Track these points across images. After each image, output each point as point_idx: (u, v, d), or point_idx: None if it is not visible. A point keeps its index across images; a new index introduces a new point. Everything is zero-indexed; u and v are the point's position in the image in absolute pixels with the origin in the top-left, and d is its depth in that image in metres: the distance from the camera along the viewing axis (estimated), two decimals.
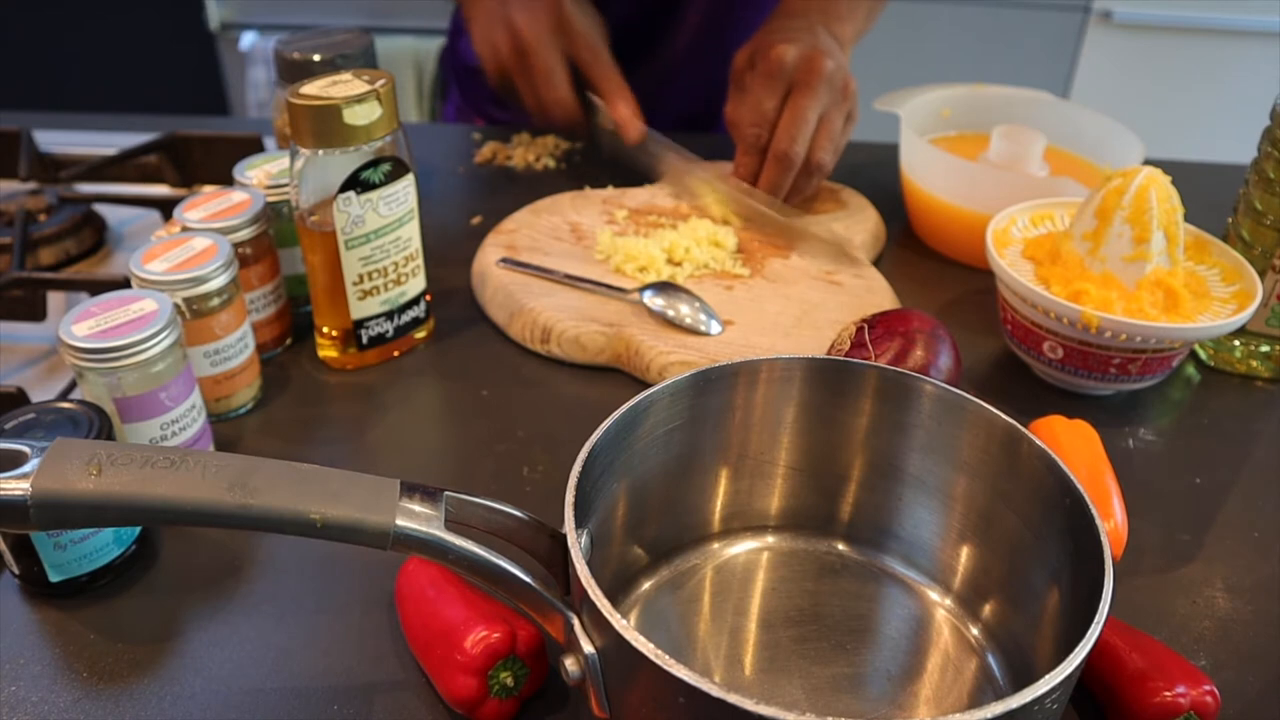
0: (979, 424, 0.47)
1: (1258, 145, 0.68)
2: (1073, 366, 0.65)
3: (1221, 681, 0.47)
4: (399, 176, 0.63)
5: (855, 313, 0.70)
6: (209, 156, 0.89)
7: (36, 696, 0.46)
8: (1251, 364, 0.71)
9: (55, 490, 0.38)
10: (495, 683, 0.44)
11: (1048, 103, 0.90)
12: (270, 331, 0.69)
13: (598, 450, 0.43)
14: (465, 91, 1.16)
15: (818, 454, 0.52)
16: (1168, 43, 2.03)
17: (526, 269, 0.74)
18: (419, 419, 0.65)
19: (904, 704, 0.46)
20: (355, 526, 0.39)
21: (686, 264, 0.75)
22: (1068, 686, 0.36)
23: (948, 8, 2.00)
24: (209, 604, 0.51)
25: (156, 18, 2.07)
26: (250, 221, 0.64)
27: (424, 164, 0.96)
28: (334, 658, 0.48)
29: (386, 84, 0.61)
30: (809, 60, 0.79)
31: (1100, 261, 0.65)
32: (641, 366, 0.67)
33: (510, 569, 0.40)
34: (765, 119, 0.80)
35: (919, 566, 0.51)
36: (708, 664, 0.47)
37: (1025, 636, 0.46)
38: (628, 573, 0.50)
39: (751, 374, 0.49)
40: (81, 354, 0.52)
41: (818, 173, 0.81)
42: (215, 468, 0.39)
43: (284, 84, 0.75)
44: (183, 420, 0.56)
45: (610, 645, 0.38)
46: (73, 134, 0.98)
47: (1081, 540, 0.41)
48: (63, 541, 0.49)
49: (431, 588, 0.47)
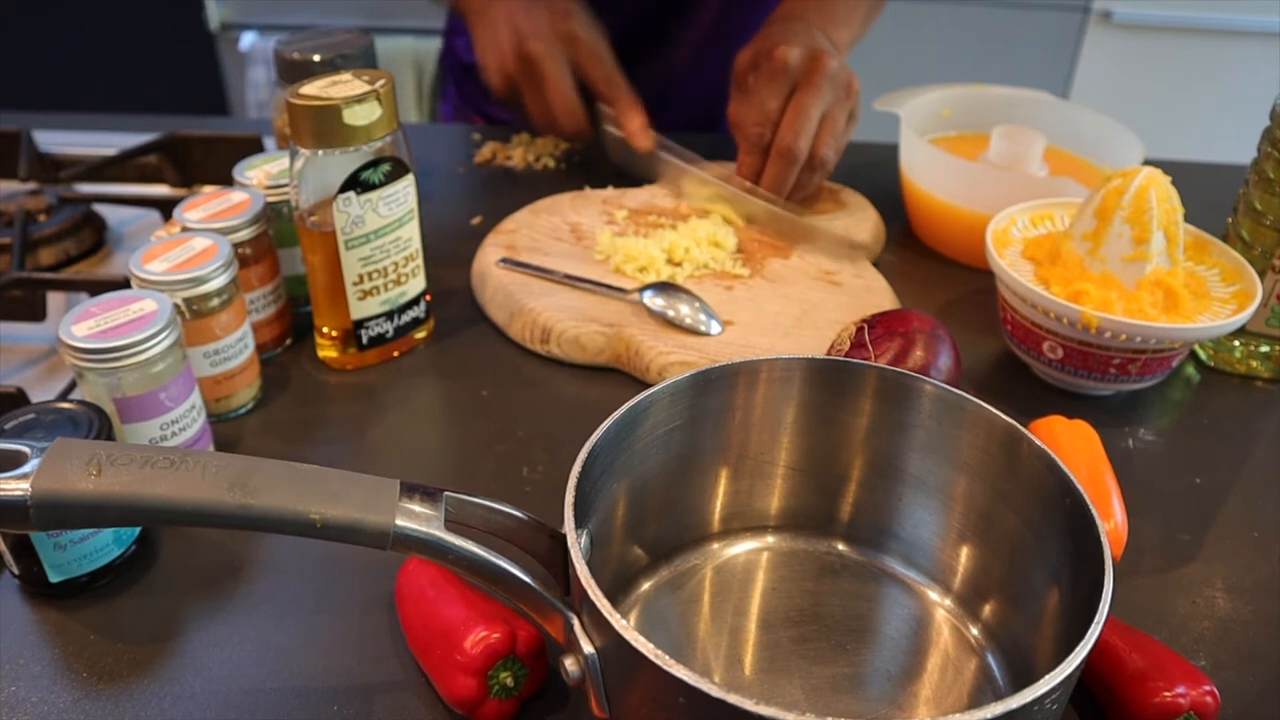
0: (979, 424, 0.47)
1: (1258, 145, 0.68)
2: (1073, 367, 0.65)
3: (1221, 681, 0.46)
4: (399, 177, 0.63)
5: (855, 313, 0.70)
6: (209, 157, 0.89)
7: (36, 696, 0.46)
8: (1251, 364, 0.71)
9: (55, 490, 0.38)
10: (495, 683, 0.44)
11: (1048, 103, 0.90)
12: (270, 332, 0.69)
13: (598, 450, 0.43)
14: (463, 90, 1.16)
15: (818, 454, 0.52)
16: (1168, 43, 2.03)
17: (526, 269, 0.74)
18: (419, 419, 0.65)
19: (904, 704, 0.46)
20: (355, 527, 0.39)
21: (686, 264, 0.75)
22: (1068, 686, 0.36)
23: (948, 8, 2.00)
24: (209, 604, 0.51)
25: (156, 18, 2.07)
26: (250, 222, 0.64)
27: (424, 164, 0.96)
28: (334, 658, 0.48)
29: (386, 84, 0.61)
30: (813, 59, 0.79)
31: (1100, 262, 0.65)
32: (641, 366, 0.67)
33: (510, 569, 0.40)
34: (769, 118, 0.80)
35: (919, 566, 0.51)
36: (708, 664, 0.47)
37: (1025, 636, 0.46)
38: (628, 573, 0.50)
39: (751, 374, 0.49)
40: (81, 354, 0.52)
41: (820, 169, 0.81)
42: (215, 468, 0.39)
43: (284, 84, 0.75)
44: (183, 420, 0.56)
45: (610, 645, 0.38)
46: (73, 134, 0.98)
47: (1081, 540, 0.41)
48: (63, 542, 0.49)
49: (431, 588, 0.47)
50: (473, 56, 1.11)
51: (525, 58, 0.83)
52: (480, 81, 1.12)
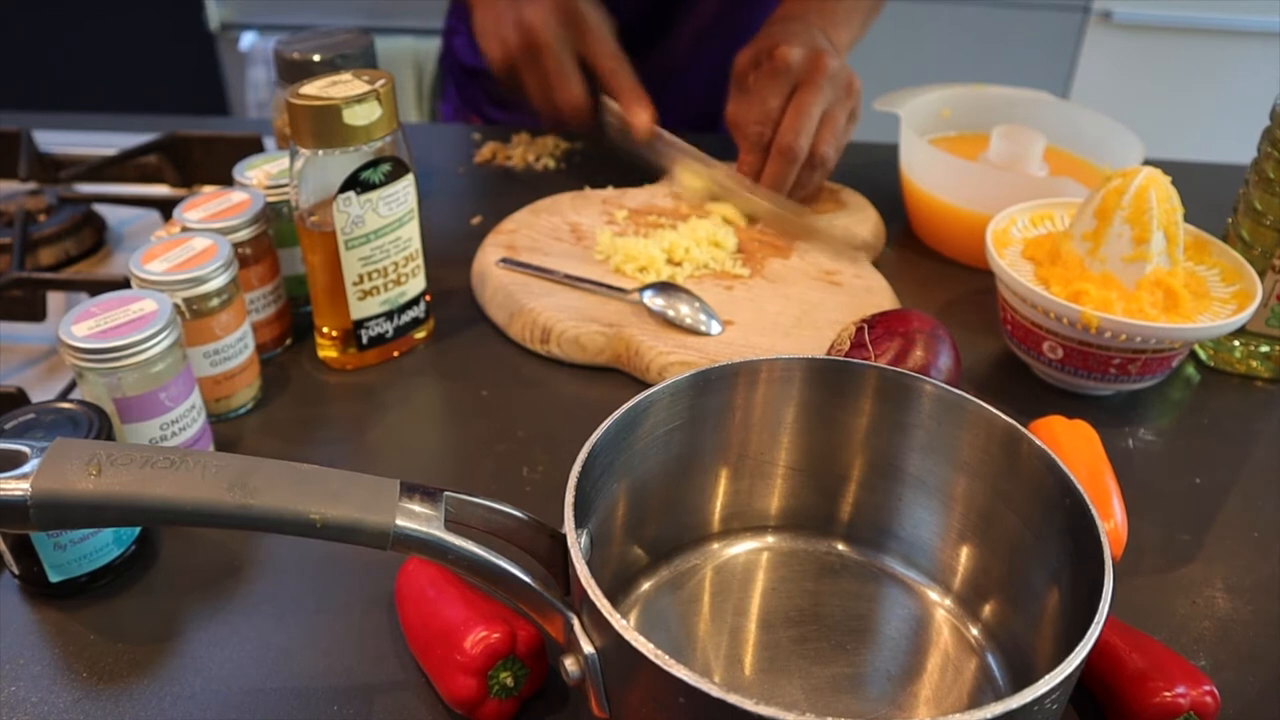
0: (979, 424, 0.47)
1: (1257, 145, 0.68)
2: (1073, 367, 0.65)
3: (1221, 681, 0.47)
4: (399, 177, 0.63)
5: (855, 313, 0.70)
6: (209, 157, 0.89)
7: (36, 697, 0.46)
8: (1251, 364, 0.71)
9: (55, 490, 0.38)
10: (495, 683, 0.44)
11: (1048, 103, 0.90)
12: (270, 332, 0.69)
13: (598, 450, 0.43)
14: (463, 93, 1.16)
15: (818, 454, 0.52)
16: (1168, 43, 2.03)
17: (526, 269, 0.74)
18: (419, 419, 0.65)
19: (904, 704, 0.46)
20: (355, 527, 0.39)
21: (686, 264, 0.75)
22: (1068, 686, 0.36)
23: (948, 8, 1.99)
24: (209, 604, 0.51)
25: (156, 18, 2.07)
26: (250, 222, 0.64)
27: (424, 164, 0.96)
28: (334, 658, 0.48)
29: (386, 84, 0.61)
30: (814, 59, 0.79)
31: (1100, 262, 0.65)
32: (641, 367, 0.67)
33: (510, 569, 0.40)
34: (770, 117, 0.80)
35: (919, 566, 0.51)
36: (708, 664, 0.47)
37: (1025, 636, 0.46)
38: (628, 573, 0.50)
39: (751, 374, 0.49)
40: (81, 354, 0.52)
41: (821, 167, 0.81)
42: (215, 468, 0.39)
43: (284, 84, 0.75)
44: (182, 420, 0.56)
45: (610, 645, 0.38)
46: (73, 134, 0.98)
47: (1081, 540, 0.41)
48: (62, 542, 0.49)
49: (431, 588, 0.47)
50: (473, 58, 1.11)
51: (526, 39, 0.81)
52: (481, 84, 1.12)
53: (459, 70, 1.15)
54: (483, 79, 1.12)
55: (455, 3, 1.15)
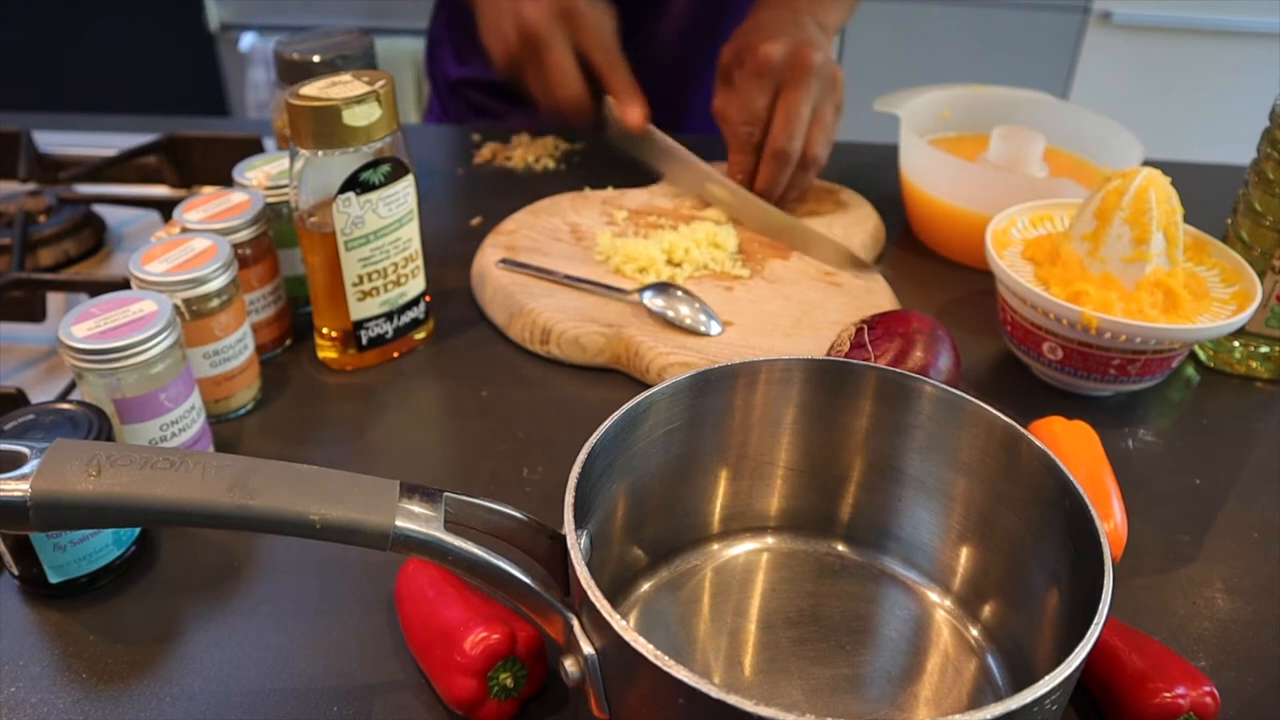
0: (978, 425, 0.47)
1: (1257, 146, 0.68)
2: (1072, 367, 0.65)
3: (1221, 682, 0.47)
4: (399, 177, 0.63)
5: (855, 313, 0.70)
6: (208, 157, 0.89)
7: (36, 697, 0.46)
8: (1251, 365, 0.71)
9: (55, 491, 0.38)
10: (495, 684, 0.44)
11: (1047, 104, 0.90)
12: (270, 332, 0.69)
13: (597, 451, 0.43)
14: (445, 104, 1.15)
15: (817, 455, 0.52)
16: (1167, 43, 2.03)
17: (526, 270, 0.74)
18: (419, 420, 0.65)
19: (904, 705, 0.46)
20: (354, 527, 0.39)
21: (686, 265, 0.75)
22: (1067, 687, 0.36)
23: (948, 8, 2.00)
24: (208, 605, 0.51)
25: (156, 18, 2.07)
26: (250, 222, 0.64)
27: (424, 165, 0.96)
28: (334, 659, 0.48)
29: (386, 85, 0.61)
30: (797, 56, 0.79)
31: (1100, 262, 0.65)
32: (641, 367, 0.67)
33: (510, 570, 0.40)
34: (757, 117, 0.80)
35: (919, 567, 0.51)
36: (707, 665, 0.47)
37: (1025, 637, 0.46)
38: (627, 574, 0.50)
39: (751, 375, 0.49)
40: (81, 355, 0.52)
41: (813, 166, 0.81)
42: (215, 469, 0.39)
43: (284, 85, 0.75)
44: (182, 421, 0.56)
45: (610, 646, 0.38)
46: (72, 135, 0.98)
47: (1081, 541, 0.41)
48: (62, 543, 0.49)
49: (431, 589, 0.47)
50: (457, 69, 1.11)
51: (527, 36, 0.81)
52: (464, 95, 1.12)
53: (443, 84, 1.14)
54: (466, 89, 1.12)
55: (438, 13, 1.15)
